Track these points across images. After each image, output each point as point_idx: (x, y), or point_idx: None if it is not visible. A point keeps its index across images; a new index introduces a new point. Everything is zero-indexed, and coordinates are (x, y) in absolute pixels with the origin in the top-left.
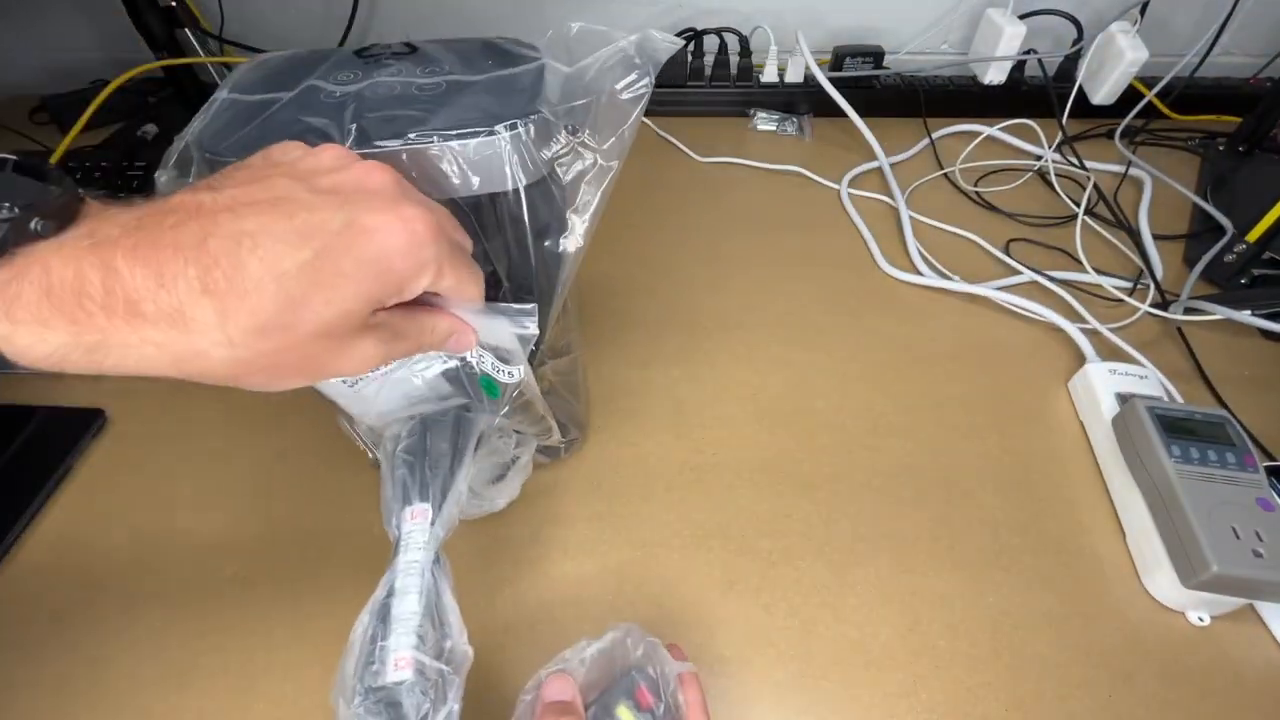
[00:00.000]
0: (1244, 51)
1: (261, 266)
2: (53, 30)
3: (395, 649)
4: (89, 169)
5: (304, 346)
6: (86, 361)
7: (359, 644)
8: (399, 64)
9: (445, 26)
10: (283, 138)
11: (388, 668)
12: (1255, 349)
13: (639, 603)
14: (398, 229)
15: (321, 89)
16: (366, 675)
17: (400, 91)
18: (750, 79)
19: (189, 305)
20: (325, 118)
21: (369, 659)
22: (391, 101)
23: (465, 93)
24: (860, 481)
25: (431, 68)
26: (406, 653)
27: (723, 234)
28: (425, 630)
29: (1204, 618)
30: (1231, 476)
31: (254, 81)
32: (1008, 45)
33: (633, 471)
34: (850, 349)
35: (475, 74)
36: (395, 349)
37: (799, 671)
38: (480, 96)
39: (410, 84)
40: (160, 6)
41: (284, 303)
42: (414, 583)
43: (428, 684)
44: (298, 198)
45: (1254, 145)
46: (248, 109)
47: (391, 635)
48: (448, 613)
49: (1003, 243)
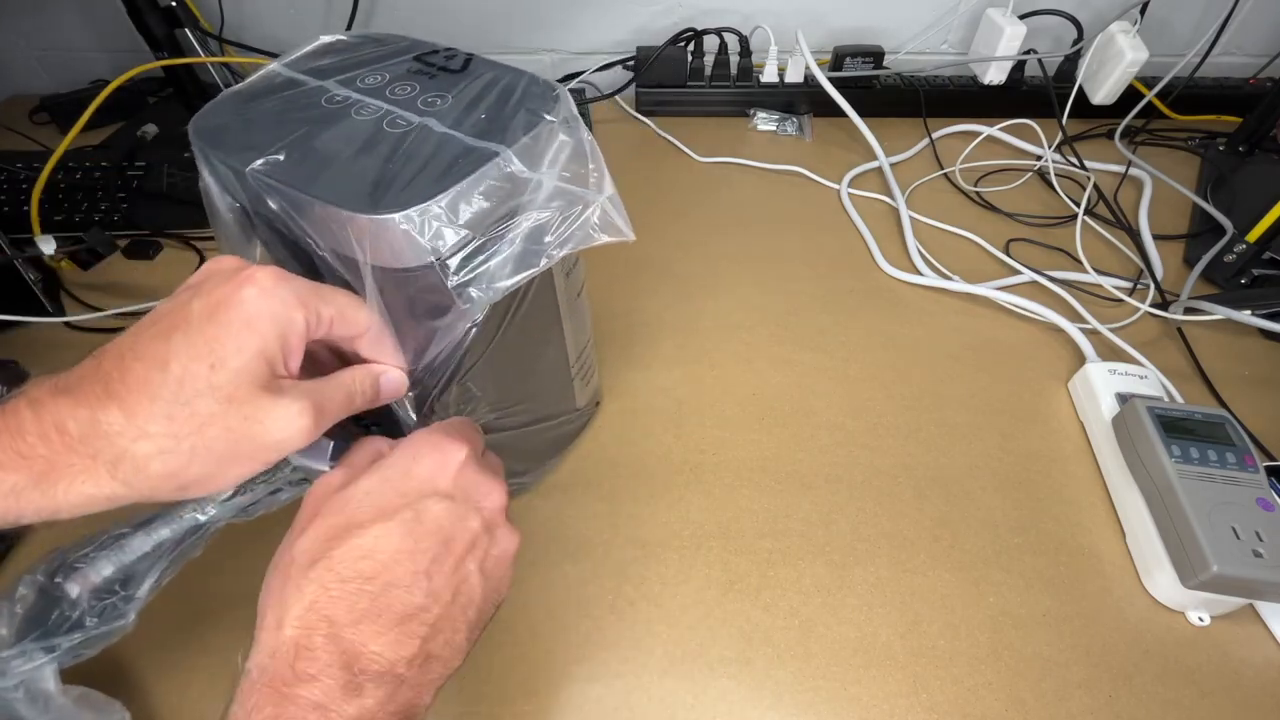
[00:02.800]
0: (1244, 51)
1: (140, 363)
2: (53, 30)
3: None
4: (89, 169)
5: (217, 421)
6: (41, 498)
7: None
8: (423, 84)
9: (445, 26)
10: (257, 130)
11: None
12: (1255, 349)
13: (639, 602)
14: (242, 285)
15: (329, 94)
16: (60, 570)
17: (373, 120)
18: (750, 79)
19: (100, 413)
20: (276, 129)
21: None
22: (345, 136)
23: (419, 151)
24: (860, 481)
25: (434, 98)
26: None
27: (723, 234)
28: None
29: (1204, 618)
30: (1231, 476)
31: (307, 64)
32: (1008, 45)
33: (633, 471)
34: (850, 349)
35: (453, 126)
36: (326, 413)
37: (799, 671)
38: (402, 163)
39: (393, 115)
40: (160, 6)
41: (172, 382)
42: (165, 532)
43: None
44: (177, 300)
45: (1254, 145)
46: (265, 86)
47: (102, 555)
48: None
49: (1003, 243)
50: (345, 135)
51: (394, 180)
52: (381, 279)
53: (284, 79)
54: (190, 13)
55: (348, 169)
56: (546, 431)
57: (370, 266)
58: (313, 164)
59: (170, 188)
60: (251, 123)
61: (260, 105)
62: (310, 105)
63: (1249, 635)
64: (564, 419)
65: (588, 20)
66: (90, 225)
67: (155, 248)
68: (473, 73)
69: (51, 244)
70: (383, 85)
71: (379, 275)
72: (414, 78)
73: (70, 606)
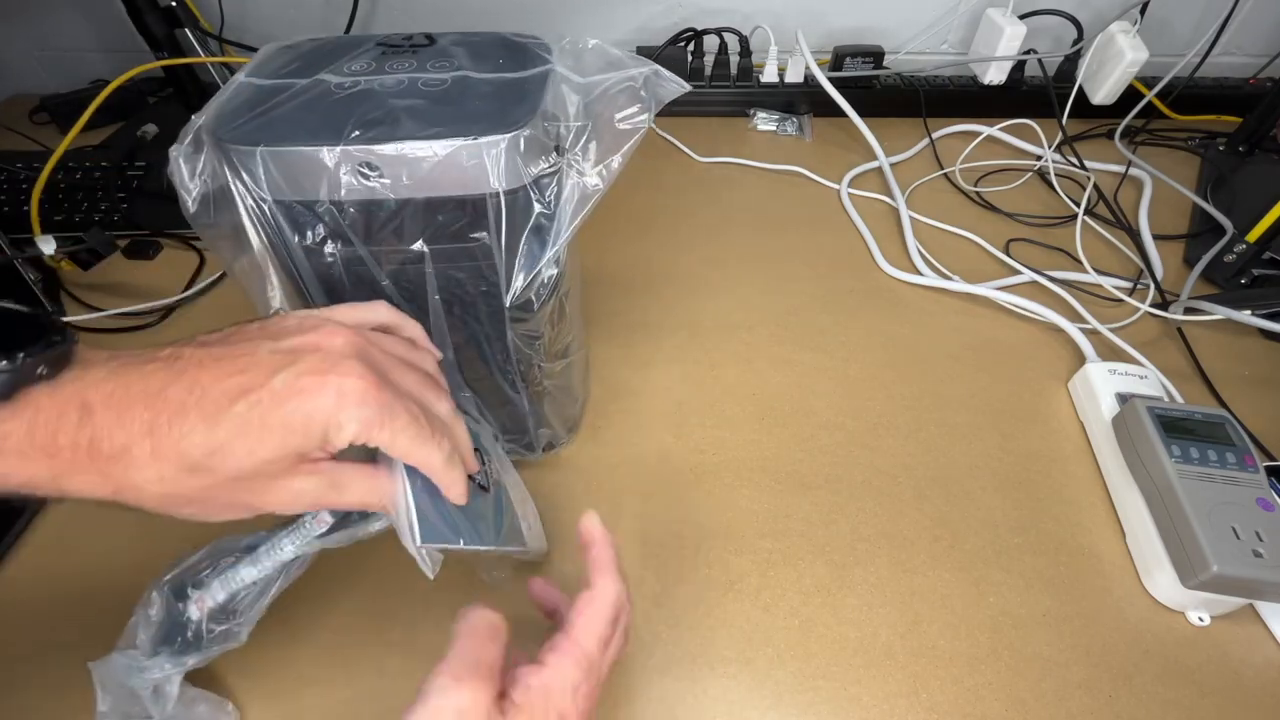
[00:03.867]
0: (1244, 51)
1: (198, 414)
2: (53, 30)
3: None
4: (89, 169)
5: (228, 487)
6: (50, 487)
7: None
8: (413, 58)
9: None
10: (284, 130)
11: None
12: (1255, 349)
13: (639, 602)
14: (327, 388)
15: (330, 82)
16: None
17: (407, 86)
18: (750, 79)
19: (134, 444)
20: (327, 114)
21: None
22: (396, 98)
23: (468, 93)
24: (860, 481)
25: (442, 63)
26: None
27: (723, 234)
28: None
29: (1204, 618)
30: (1231, 476)
31: (274, 67)
32: (1008, 45)
33: (633, 471)
34: (850, 349)
35: (484, 72)
36: (334, 497)
37: (799, 671)
38: (480, 101)
39: (416, 80)
40: (160, 6)
41: (209, 449)
42: (269, 564)
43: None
44: (257, 356)
45: (1254, 145)
46: (258, 94)
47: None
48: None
49: (1003, 243)
50: (394, 103)
51: (498, 111)
52: (509, 201)
53: (260, 87)
54: (190, 13)
55: (421, 117)
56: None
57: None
58: (409, 124)
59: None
60: (289, 125)
61: (276, 112)
62: (326, 96)
63: (1249, 635)
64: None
65: (587, 20)
66: (90, 225)
67: (155, 248)
68: (441, 44)
69: (51, 244)
70: (374, 67)
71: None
72: (396, 55)
73: (191, 627)
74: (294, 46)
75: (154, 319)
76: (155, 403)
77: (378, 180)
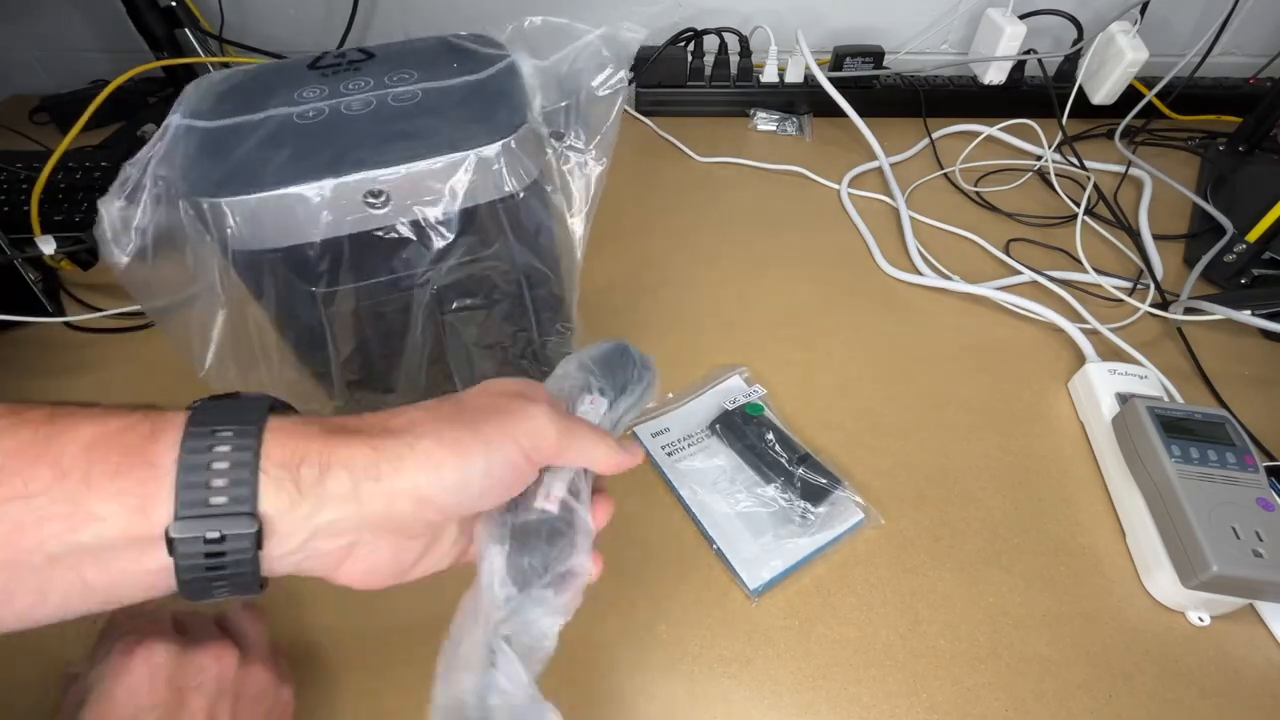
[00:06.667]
0: (1244, 51)
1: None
2: (53, 30)
3: (550, 485)
4: (89, 169)
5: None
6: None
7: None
8: (363, 75)
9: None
10: (262, 173)
11: (536, 498)
12: (1255, 349)
13: (639, 602)
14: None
15: (290, 113)
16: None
17: (376, 107)
18: (750, 79)
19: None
20: (304, 149)
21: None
22: (372, 120)
23: (445, 103)
24: (860, 481)
25: (399, 75)
26: (559, 491)
27: (723, 234)
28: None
29: (1204, 618)
30: (1231, 476)
31: (207, 108)
32: (1008, 45)
33: (633, 471)
34: (850, 349)
35: (444, 79)
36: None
37: (799, 671)
38: (462, 107)
39: (385, 96)
40: (160, 6)
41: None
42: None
43: (564, 529)
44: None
45: (1254, 145)
46: (208, 138)
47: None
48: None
49: (1003, 243)
50: (375, 127)
51: (487, 114)
52: (524, 201)
53: (208, 130)
54: (190, 13)
55: (412, 134)
56: None
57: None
58: (405, 145)
59: None
60: (265, 166)
61: (242, 155)
62: (290, 129)
63: (1249, 635)
64: None
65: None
66: (90, 225)
67: None
68: (382, 56)
69: (51, 244)
70: (328, 92)
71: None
72: (339, 76)
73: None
74: (213, 85)
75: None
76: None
77: (385, 207)
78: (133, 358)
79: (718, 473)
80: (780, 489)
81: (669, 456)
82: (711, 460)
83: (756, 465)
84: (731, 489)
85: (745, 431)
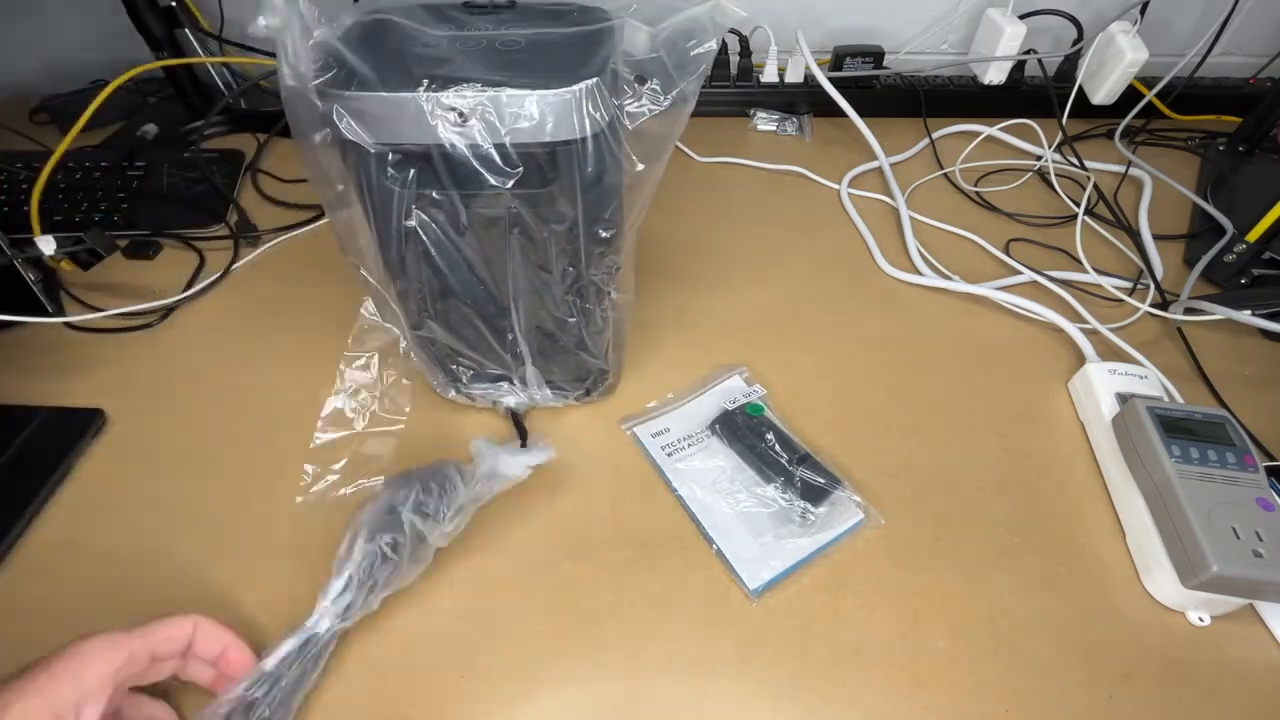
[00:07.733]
0: (1244, 51)
1: None
2: (53, 30)
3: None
4: (89, 169)
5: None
6: None
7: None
8: (493, 19)
9: None
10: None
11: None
12: (1255, 349)
13: (639, 602)
14: None
15: (419, 39)
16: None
17: (487, 46)
18: (750, 79)
19: None
20: (415, 66)
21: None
22: (480, 55)
23: (548, 47)
24: (861, 481)
25: (522, 23)
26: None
27: (723, 234)
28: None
29: (1204, 618)
30: (1231, 476)
31: (359, 31)
32: (1008, 45)
33: (633, 471)
34: (850, 349)
35: (560, 28)
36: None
37: (799, 671)
38: (557, 54)
39: (498, 37)
40: (160, 6)
41: None
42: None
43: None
44: None
45: (1254, 145)
46: (350, 39)
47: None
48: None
49: (1003, 243)
50: (474, 53)
51: (579, 62)
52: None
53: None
54: (190, 13)
55: (510, 69)
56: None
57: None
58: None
59: (170, 188)
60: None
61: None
62: (414, 48)
63: (1249, 635)
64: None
65: None
66: (90, 225)
67: (155, 248)
68: (522, 6)
69: (51, 244)
70: (460, 25)
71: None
72: (484, 15)
73: None
74: (378, 11)
75: (154, 319)
76: None
77: (469, 128)
78: (133, 358)
79: (718, 473)
80: (780, 489)
81: (669, 456)
82: (711, 460)
83: (756, 465)
84: (731, 489)
85: (745, 431)
